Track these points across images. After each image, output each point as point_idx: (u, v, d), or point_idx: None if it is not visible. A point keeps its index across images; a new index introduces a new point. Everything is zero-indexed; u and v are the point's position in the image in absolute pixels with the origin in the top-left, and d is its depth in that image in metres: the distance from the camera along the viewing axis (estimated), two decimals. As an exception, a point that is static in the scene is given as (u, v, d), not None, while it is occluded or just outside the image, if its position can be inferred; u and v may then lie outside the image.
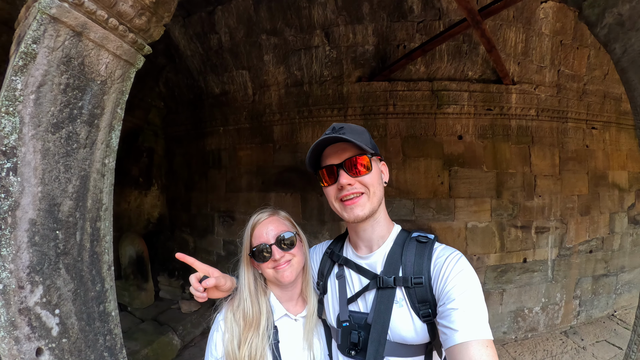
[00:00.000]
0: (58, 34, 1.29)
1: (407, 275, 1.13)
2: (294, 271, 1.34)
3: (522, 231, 4.88)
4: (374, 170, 1.18)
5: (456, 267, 1.06)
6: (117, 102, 1.54)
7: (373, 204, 1.17)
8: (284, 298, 1.41)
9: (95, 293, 1.50)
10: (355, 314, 1.22)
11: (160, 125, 6.46)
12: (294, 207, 5.06)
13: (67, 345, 1.37)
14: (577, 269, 5.19)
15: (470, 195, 4.71)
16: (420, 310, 1.10)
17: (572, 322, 5.18)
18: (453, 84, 4.66)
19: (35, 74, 1.23)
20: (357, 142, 1.11)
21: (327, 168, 1.20)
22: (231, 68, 5.18)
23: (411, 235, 1.23)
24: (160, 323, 4.90)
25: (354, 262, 1.28)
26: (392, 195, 4.66)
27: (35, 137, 1.24)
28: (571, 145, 5.17)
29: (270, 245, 1.32)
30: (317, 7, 4.41)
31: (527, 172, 4.93)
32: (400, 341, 1.13)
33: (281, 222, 1.39)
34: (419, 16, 4.44)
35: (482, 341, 0.91)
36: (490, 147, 4.81)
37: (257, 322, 1.30)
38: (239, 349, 1.26)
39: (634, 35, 1.47)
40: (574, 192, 5.17)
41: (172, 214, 6.61)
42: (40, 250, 1.27)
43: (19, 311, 1.23)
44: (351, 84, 4.72)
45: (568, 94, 5.05)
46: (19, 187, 1.20)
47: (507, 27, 4.53)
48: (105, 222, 1.53)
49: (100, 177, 1.49)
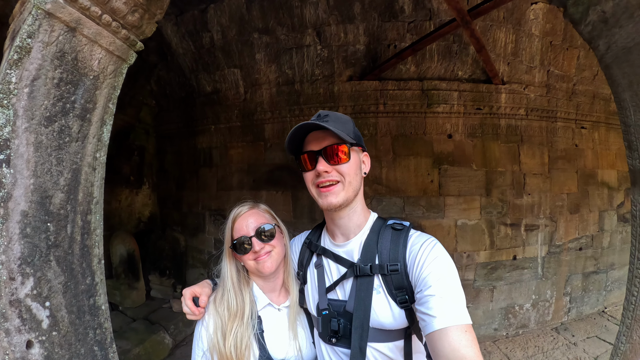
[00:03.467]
0: (52, 29, 1.30)
1: (383, 263, 1.15)
2: (274, 262, 1.38)
3: (511, 229, 4.94)
4: (353, 160, 1.20)
5: (431, 253, 1.08)
6: (109, 97, 1.56)
7: (348, 193, 1.19)
8: (267, 289, 1.45)
9: (86, 286, 1.51)
10: (334, 302, 1.24)
11: (151, 124, 6.43)
12: (285, 205, 5.08)
13: (57, 339, 1.38)
14: (567, 266, 5.27)
15: (460, 193, 4.77)
16: (397, 296, 1.12)
17: (562, 318, 5.26)
18: (443, 83, 4.71)
19: (29, 67, 1.25)
20: (336, 131, 1.13)
21: (308, 154, 1.23)
22: (223, 66, 5.19)
23: (386, 223, 1.25)
24: (152, 322, 4.88)
25: (332, 252, 1.30)
26: (382, 193, 4.72)
27: (29, 129, 1.25)
28: (560, 144, 5.25)
29: (251, 237, 1.36)
30: (309, 7, 4.44)
31: (517, 171, 5.00)
32: (378, 327, 1.15)
33: (261, 215, 1.43)
34: (409, 16, 4.49)
35: (460, 326, 0.93)
36: (480, 145, 4.88)
37: (241, 312, 1.33)
38: (224, 340, 1.28)
39: (617, 32, 1.52)
40: (563, 191, 5.26)
41: (163, 212, 6.59)
42: (32, 242, 1.28)
43: (9, 303, 1.24)
44: (342, 83, 4.76)
45: (557, 94, 5.12)
46: (12, 179, 1.21)
47: (497, 27, 4.59)
48: (96, 216, 1.55)
49: (91, 170, 1.50)
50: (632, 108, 1.55)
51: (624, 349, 1.58)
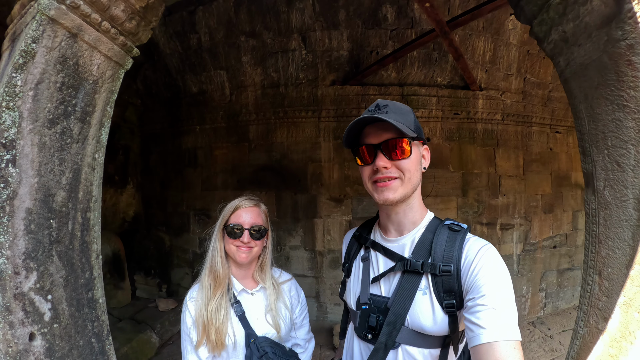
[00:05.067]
0: (55, 35, 1.37)
1: (436, 262, 1.08)
2: (249, 256, 1.57)
3: (487, 228, 5.16)
4: (414, 155, 1.12)
5: (489, 261, 1.02)
6: (107, 100, 1.64)
7: (406, 189, 1.12)
8: (239, 276, 1.65)
9: (85, 280, 1.58)
10: (376, 298, 1.18)
11: (136, 123, 6.38)
12: (269, 205, 5.03)
13: (58, 331, 1.42)
14: (542, 263, 5.49)
15: (437, 193, 4.96)
16: (444, 300, 1.05)
17: (539, 313, 5.49)
18: (422, 89, 4.89)
19: (34, 71, 1.32)
20: (397, 124, 1.05)
21: (367, 147, 1.14)
22: (209, 68, 5.24)
23: (444, 223, 1.18)
24: (138, 321, 4.87)
25: (382, 245, 1.24)
26: (363, 193, 4.85)
27: (33, 131, 1.32)
28: (535, 147, 5.47)
29: (244, 228, 1.54)
30: (295, 12, 4.55)
31: (492, 173, 5.21)
32: (418, 329, 1.08)
33: (259, 215, 1.62)
34: (392, 24, 4.65)
35: (510, 342, 0.88)
36: (457, 149, 5.08)
37: (225, 280, 1.55)
38: (207, 306, 1.47)
39: (576, 50, 1.63)
40: (537, 192, 5.48)
41: (148, 212, 6.57)
42: (36, 237, 1.35)
43: (14, 296, 1.28)
44: (325, 87, 4.89)
45: (533, 100, 5.35)
46: (17, 178, 1.28)
47: (476, 36, 4.80)
48: (95, 213, 1.62)
49: (90, 170, 1.58)
50: (586, 118, 1.68)
51: (582, 332, 1.70)
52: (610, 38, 1.44)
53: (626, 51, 1.39)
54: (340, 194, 5.00)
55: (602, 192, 1.63)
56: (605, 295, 1.59)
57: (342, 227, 5.04)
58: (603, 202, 1.62)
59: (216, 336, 1.45)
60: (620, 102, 1.47)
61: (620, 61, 1.42)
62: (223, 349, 1.48)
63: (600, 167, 1.63)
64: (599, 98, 1.58)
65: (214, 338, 1.45)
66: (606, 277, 1.60)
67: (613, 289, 1.55)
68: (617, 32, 1.41)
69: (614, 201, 1.56)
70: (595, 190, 1.67)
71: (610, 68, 1.48)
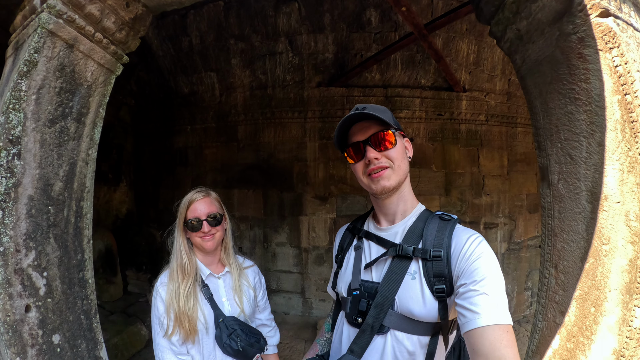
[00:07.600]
0: (54, 46, 1.57)
1: (427, 248, 1.12)
2: (215, 242, 1.74)
3: (470, 226, 5.20)
4: (399, 144, 1.20)
5: (479, 248, 1.05)
6: (100, 103, 1.84)
7: (399, 176, 1.19)
8: (206, 262, 1.80)
9: (77, 261, 1.75)
10: (367, 283, 1.21)
11: (130, 123, 6.53)
12: (256, 203, 5.32)
13: (51, 305, 1.57)
14: (527, 262, 5.56)
15: (420, 192, 5.01)
16: (435, 284, 1.08)
17: (525, 312, 5.56)
18: (406, 90, 5.01)
19: (36, 78, 1.52)
20: (381, 116, 1.13)
21: (353, 146, 1.23)
22: (200, 69, 5.41)
23: (434, 213, 1.23)
24: (129, 315, 5.02)
25: (374, 234, 1.29)
26: (346, 192, 5.03)
27: (36, 129, 1.52)
28: (520, 148, 5.53)
29: (202, 220, 1.69)
30: (282, 16, 4.73)
31: (476, 172, 5.29)
32: (407, 314, 1.11)
33: (212, 203, 1.77)
34: (376, 28, 4.80)
35: (503, 326, 0.92)
36: (440, 149, 5.17)
37: (192, 271, 1.69)
38: (179, 297, 1.61)
39: (531, 47, 1.68)
40: (522, 192, 5.56)
41: (140, 209, 6.71)
42: (35, 221, 1.54)
43: (14, 271, 1.45)
44: (311, 89, 5.04)
45: (518, 101, 5.39)
46: (22, 169, 1.47)
47: (459, 39, 4.90)
48: (87, 202, 1.82)
49: (84, 164, 1.77)
50: (541, 113, 1.72)
51: (541, 326, 1.72)
52: (562, 33, 1.50)
53: (577, 44, 1.45)
54: (325, 192, 5.13)
55: (557, 185, 1.66)
56: (562, 288, 1.62)
57: (326, 225, 5.17)
58: (557, 195, 1.66)
59: (189, 324, 1.58)
60: (572, 95, 1.51)
61: (572, 55, 1.48)
62: (196, 335, 1.62)
63: (554, 160, 1.67)
64: (552, 93, 1.62)
65: (187, 326, 1.58)
66: (562, 271, 1.62)
67: (569, 282, 1.58)
68: (569, 27, 1.46)
69: (567, 194, 1.60)
70: (550, 183, 1.71)
71: (563, 62, 1.53)
